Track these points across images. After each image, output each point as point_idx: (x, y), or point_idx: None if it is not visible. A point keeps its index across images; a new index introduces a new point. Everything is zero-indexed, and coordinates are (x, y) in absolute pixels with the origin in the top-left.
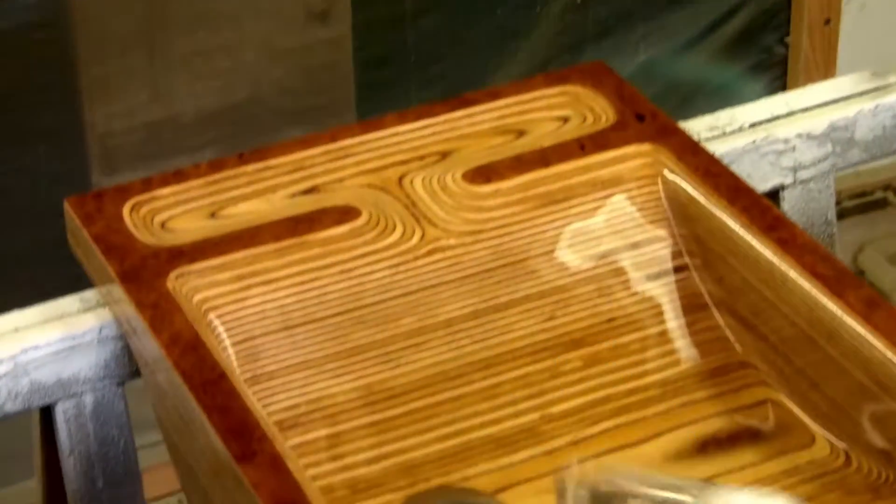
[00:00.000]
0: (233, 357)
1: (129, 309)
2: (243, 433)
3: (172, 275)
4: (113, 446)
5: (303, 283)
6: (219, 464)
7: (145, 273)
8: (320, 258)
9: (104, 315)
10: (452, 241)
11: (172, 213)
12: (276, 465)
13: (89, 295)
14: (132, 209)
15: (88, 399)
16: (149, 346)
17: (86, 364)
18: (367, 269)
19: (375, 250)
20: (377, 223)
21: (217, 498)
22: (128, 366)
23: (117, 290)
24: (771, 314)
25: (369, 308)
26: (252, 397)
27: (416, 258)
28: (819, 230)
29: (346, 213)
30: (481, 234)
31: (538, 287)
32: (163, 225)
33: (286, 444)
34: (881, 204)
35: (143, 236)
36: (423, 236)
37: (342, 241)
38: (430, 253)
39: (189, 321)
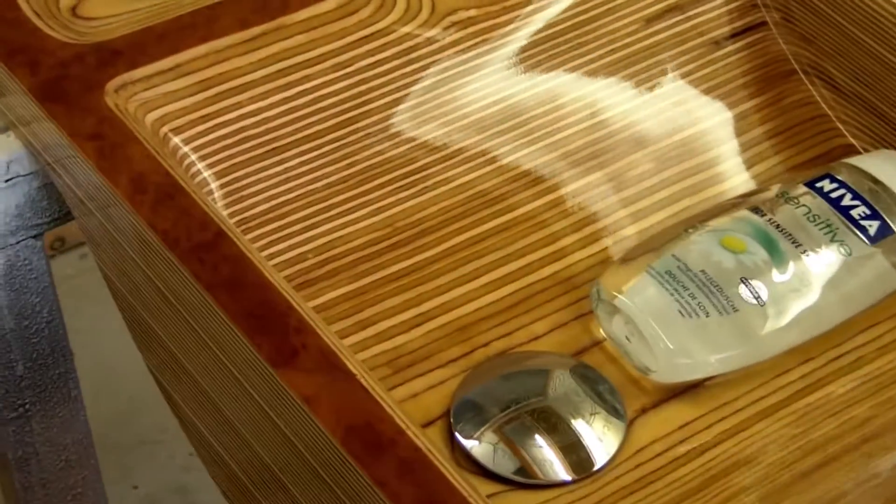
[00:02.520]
0: (218, 199)
1: (52, 137)
2: (273, 323)
3: (110, 86)
4: (34, 318)
5: (287, 86)
6: (238, 366)
7: (71, 85)
8: (305, 49)
9: (10, 145)
10: (473, 12)
11: None
12: (330, 364)
13: None
14: None
15: None
16: (97, 194)
17: None
18: (369, 59)
19: (376, 33)
20: None
21: (233, 412)
22: (48, 211)
23: (28, 109)
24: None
25: (378, 115)
26: (266, 263)
27: (430, 41)
28: None
29: None
30: None
31: (586, 66)
32: (73, 10)
33: (328, 325)
34: None
35: (53, 29)
36: (433, 8)
37: (330, 22)
38: (446, 30)
39: (152, 154)
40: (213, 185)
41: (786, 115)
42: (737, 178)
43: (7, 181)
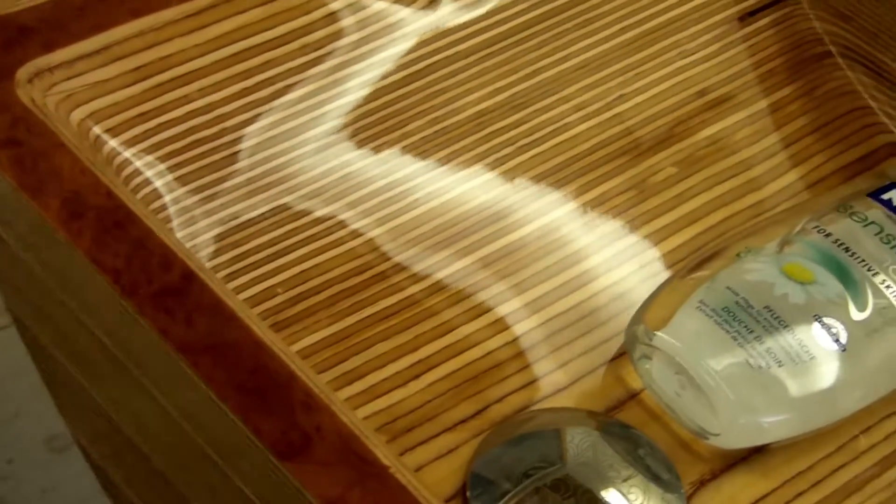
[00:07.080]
0: (166, 220)
1: None
2: (274, 398)
3: (22, 74)
4: None
5: (246, 74)
6: (225, 454)
7: None
8: (265, 26)
9: None
10: None
11: None
12: (355, 454)
13: None
14: None
15: None
16: (13, 219)
17: None
18: (346, 39)
19: (350, 5)
20: None
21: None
22: None
23: None
24: None
25: (359, 109)
26: (251, 313)
27: (415, 12)
28: None
29: None
30: None
31: (594, 48)
32: None
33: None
34: None
35: None
36: None
37: None
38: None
39: (86, 166)
40: (158, 203)
41: (822, 108)
42: (775, 183)
43: None
